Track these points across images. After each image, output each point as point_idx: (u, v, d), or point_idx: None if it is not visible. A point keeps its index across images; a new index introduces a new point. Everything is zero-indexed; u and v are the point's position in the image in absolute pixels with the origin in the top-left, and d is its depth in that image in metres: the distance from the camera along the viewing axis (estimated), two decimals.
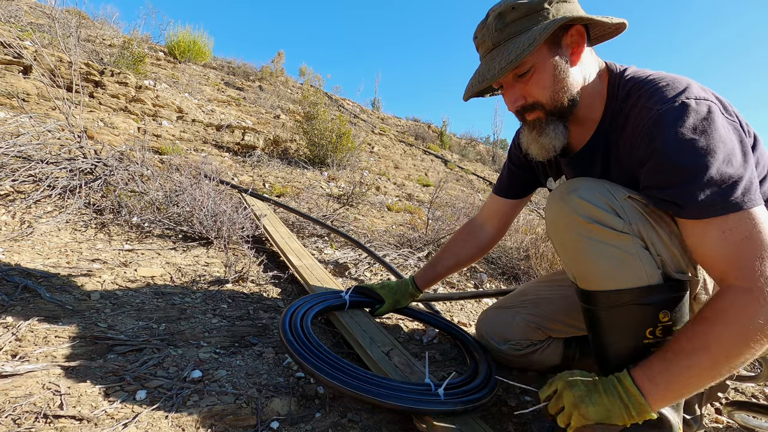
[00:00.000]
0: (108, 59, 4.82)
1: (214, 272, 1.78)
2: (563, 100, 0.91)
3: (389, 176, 5.32)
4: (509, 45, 0.86)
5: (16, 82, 3.17)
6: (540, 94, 0.91)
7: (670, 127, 0.77)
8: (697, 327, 0.77)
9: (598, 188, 0.86)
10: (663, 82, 0.84)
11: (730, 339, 0.73)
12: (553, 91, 0.90)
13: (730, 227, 0.74)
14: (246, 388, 1.02)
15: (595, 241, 0.84)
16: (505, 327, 1.26)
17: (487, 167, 9.37)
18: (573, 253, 0.88)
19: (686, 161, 0.75)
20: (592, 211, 0.84)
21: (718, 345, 0.74)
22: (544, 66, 0.88)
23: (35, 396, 0.88)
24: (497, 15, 0.88)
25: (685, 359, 0.77)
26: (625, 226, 0.83)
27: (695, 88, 0.81)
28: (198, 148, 3.99)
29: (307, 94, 5.25)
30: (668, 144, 0.77)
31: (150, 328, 1.24)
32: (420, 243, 2.65)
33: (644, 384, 0.80)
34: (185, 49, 7.12)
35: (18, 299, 1.26)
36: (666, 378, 0.79)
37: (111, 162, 2.41)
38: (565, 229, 0.88)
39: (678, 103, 0.78)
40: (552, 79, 0.89)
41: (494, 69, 0.87)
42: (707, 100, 0.78)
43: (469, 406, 0.93)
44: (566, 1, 0.87)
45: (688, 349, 0.77)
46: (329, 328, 1.41)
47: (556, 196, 0.91)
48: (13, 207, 1.93)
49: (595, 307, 0.88)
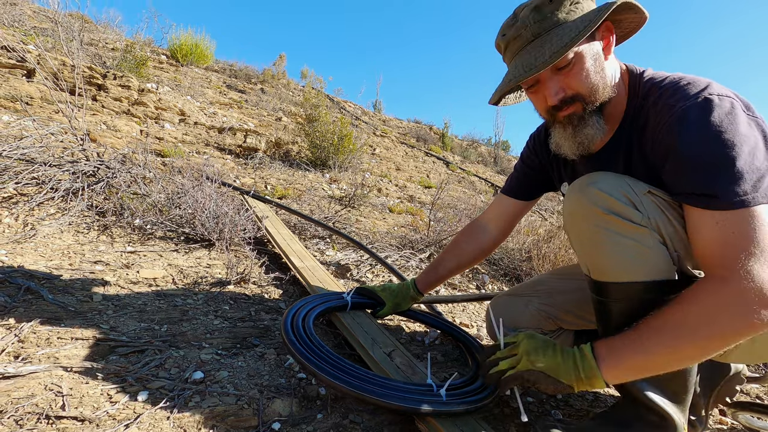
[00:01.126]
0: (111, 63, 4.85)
1: (215, 274, 1.78)
2: (603, 92, 0.91)
3: (391, 178, 5.32)
4: (552, 34, 0.85)
5: (20, 85, 3.19)
6: (580, 86, 0.89)
7: (693, 122, 0.77)
8: (668, 307, 0.78)
9: (618, 181, 0.86)
10: (684, 81, 0.84)
11: (695, 323, 0.74)
12: (593, 82, 0.89)
13: (726, 218, 0.74)
14: (247, 389, 1.02)
15: (612, 232, 0.84)
16: (517, 314, 1.26)
17: (489, 169, 9.37)
18: (589, 244, 0.88)
19: (712, 155, 0.75)
20: (610, 203, 0.84)
21: (683, 326, 0.75)
22: (585, 58, 0.87)
23: (37, 397, 0.88)
24: (533, 8, 0.87)
25: (648, 336, 0.78)
26: (644, 220, 0.83)
27: (716, 86, 0.81)
28: (200, 150, 4.00)
29: (309, 96, 5.26)
30: (693, 138, 0.77)
31: (152, 330, 1.24)
32: (422, 244, 2.65)
33: (601, 351, 0.83)
34: (187, 52, 7.16)
35: (21, 301, 1.26)
36: (625, 352, 0.80)
37: (113, 164, 2.41)
38: (583, 220, 0.88)
39: (701, 99, 0.78)
40: (592, 70, 0.88)
41: (542, 57, 0.84)
42: (729, 97, 0.78)
43: (471, 407, 0.93)
44: None
45: (654, 327, 0.78)
46: (331, 330, 1.41)
47: (575, 189, 0.91)
48: (17, 209, 1.94)
49: (607, 299, 0.88)
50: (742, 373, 1.15)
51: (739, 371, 1.14)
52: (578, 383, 0.83)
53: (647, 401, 0.89)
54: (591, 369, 0.82)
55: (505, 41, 0.93)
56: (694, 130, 0.77)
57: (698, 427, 1.06)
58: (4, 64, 3.29)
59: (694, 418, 1.06)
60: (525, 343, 0.92)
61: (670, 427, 0.89)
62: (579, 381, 0.83)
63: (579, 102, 0.91)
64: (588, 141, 0.95)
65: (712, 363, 1.08)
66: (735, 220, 0.73)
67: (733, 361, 0.96)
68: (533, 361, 0.88)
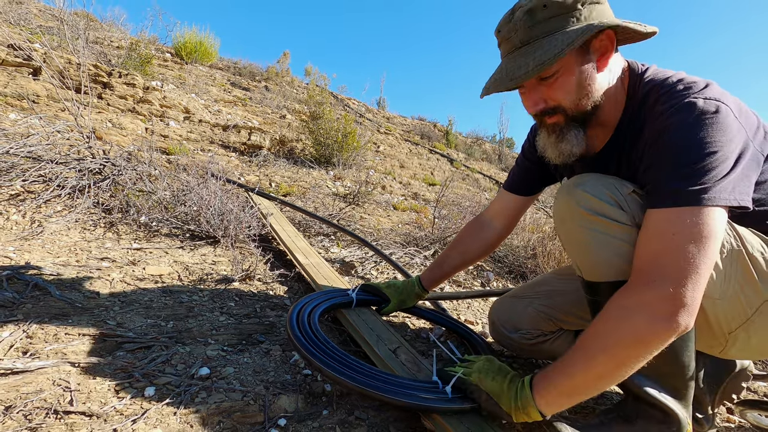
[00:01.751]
0: (116, 61, 4.87)
1: (221, 270, 1.78)
2: (586, 105, 0.90)
3: (395, 175, 5.32)
4: (539, 45, 0.83)
5: (27, 83, 3.21)
6: (563, 99, 0.89)
7: (671, 125, 0.78)
8: (598, 325, 0.78)
9: (604, 182, 0.87)
10: (680, 85, 0.82)
11: (606, 329, 0.75)
12: (577, 96, 0.88)
13: (671, 219, 0.74)
14: (253, 385, 1.02)
15: (598, 232, 0.85)
16: (518, 316, 1.26)
17: (494, 166, 9.33)
18: (577, 244, 0.89)
19: (677, 152, 0.76)
20: (595, 204, 0.85)
21: (592, 342, 0.76)
22: (571, 71, 0.86)
23: (46, 392, 0.89)
24: (527, 11, 0.84)
25: (571, 357, 0.79)
26: (629, 219, 0.83)
27: (712, 89, 0.79)
28: (205, 148, 4.01)
29: (313, 93, 5.26)
30: (665, 139, 0.78)
31: (158, 326, 1.25)
32: (426, 241, 2.65)
33: (537, 381, 0.84)
34: (192, 50, 7.17)
35: (29, 297, 1.27)
36: (553, 378, 0.81)
37: (119, 162, 2.43)
38: (570, 222, 0.89)
39: (685, 101, 0.78)
40: (577, 84, 0.87)
41: (525, 68, 0.83)
42: (718, 101, 0.77)
43: (477, 404, 0.93)
44: (599, 2, 0.85)
45: (573, 348, 0.79)
46: (336, 326, 1.41)
47: (563, 191, 0.92)
48: (24, 206, 1.95)
49: (599, 298, 0.88)
50: (748, 370, 1.14)
51: (744, 368, 1.13)
52: (516, 412, 0.84)
53: (648, 397, 0.89)
54: (526, 398, 0.83)
55: (500, 38, 0.92)
56: (667, 133, 0.78)
57: (705, 425, 1.05)
58: (10, 62, 3.31)
59: (701, 416, 1.05)
60: (480, 363, 0.96)
61: (673, 423, 0.88)
62: (516, 410, 0.84)
63: (561, 113, 0.91)
64: (567, 154, 0.95)
65: (716, 359, 1.08)
66: (678, 220, 0.73)
67: (733, 357, 0.95)
68: (481, 380, 0.91)
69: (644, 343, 0.73)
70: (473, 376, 0.92)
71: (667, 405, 0.88)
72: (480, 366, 0.95)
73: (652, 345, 0.73)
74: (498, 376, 0.91)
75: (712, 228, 0.72)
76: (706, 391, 1.08)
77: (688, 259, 0.71)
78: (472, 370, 0.94)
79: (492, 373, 0.92)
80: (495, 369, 0.93)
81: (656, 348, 0.73)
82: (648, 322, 0.72)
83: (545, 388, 0.82)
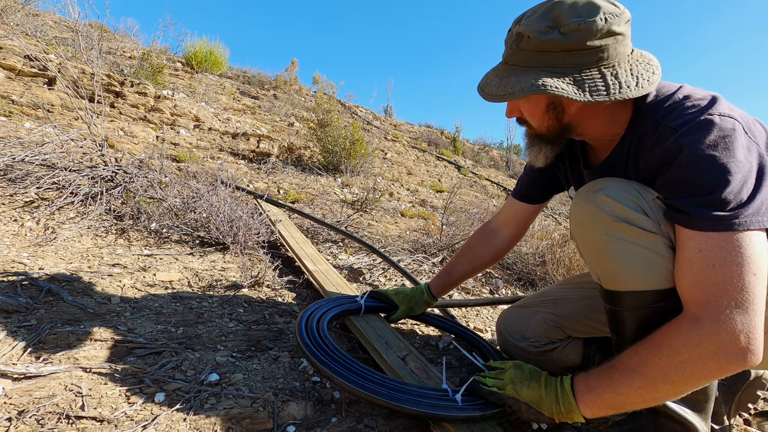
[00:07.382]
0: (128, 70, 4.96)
1: (230, 277, 1.79)
2: (553, 131, 0.91)
3: (402, 182, 5.32)
4: (513, 72, 0.83)
5: (42, 93, 3.28)
6: (530, 120, 0.92)
7: (690, 144, 0.74)
8: (642, 347, 0.78)
9: (626, 187, 0.83)
10: (688, 102, 0.80)
11: (667, 365, 0.74)
12: (541, 124, 0.91)
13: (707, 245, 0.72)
14: (262, 391, 1.02)
15: (622, 240, 0.81)
16: (524, 325, 1.25)
17: (501, 173, 9.30)
18: (598, 252, 0.85)
19: (703, 176, 0.72)
20: (620, 210, 0.81)
21: (656, 370, 0.75)
22: (538, 104, 0.88)
23: (58, 397, 0.89)
24: (516, 35, 0.83)
25: (622, 378, 0.78)
26: (654, 226, 0.80)
27: (721, 105, 0.77)
28: (214, 155, 4.06)
29: (321, 101, 5.30)
30: (687, 159, 0.74)
31: (168, 332, 1.26)
32: (434, 248, 2.64)
33: (580, 387, 0.84)
34: (202, 59, 7.28)
35: (42, 302, 1.29)
36: (600, 391, 0.81)
37: (131, 169, 2.46)
38: (591, 228, 0.85)
39: (701, 119, 0.75)
40: (542, 115, 0.89)
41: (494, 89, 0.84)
42: (732, 118, 0.74)
43: (487, 412, 0.92)
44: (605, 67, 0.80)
45: (629, 367, 0.78)
46: (344, 333, 1.41)
47: (582, 196, 0.89)
48: (38, 213, 1.98)
49: (620, 308, 0.86)
50: (762, 378, 1.11)
51: (759, 376, 1.11)
52: (559, 416, 0.85)
53: (667, 410, 0.87)
54: (569, 404, 0.84)
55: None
56: (688, 152, 0.74)
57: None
58: (26, 72, 3.39)
59: (717, 428, 1.03)
60: (511, 372, 0.95)
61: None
62: (560, 414, 0.85)
63: (527, 126, 0.94)
64: (532, 161, 0.98)
65: None
66: (716, 247, 0.71)
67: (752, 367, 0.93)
68: (518, 391, 0.90)
69: (712, 378, 0.73)
70: (508, 388, 0.92)
71: (687, 419, 0.86)
72: (512, 376, 0.94)
73: (718, 377, 0.73)
74: (533, 382, 0.90)
75: (762, 252, 0.71)
76: (722, 400, 1.06)
77: (749, 288, 0.69)
78: (504, 382, 0.93)
79: (526, 380, 0.91)
80: (527, 376, 0.93)
81: (721, 378, 0.74)
82: (720, 359, 0.70)
83: (592, 399, 0.82)
